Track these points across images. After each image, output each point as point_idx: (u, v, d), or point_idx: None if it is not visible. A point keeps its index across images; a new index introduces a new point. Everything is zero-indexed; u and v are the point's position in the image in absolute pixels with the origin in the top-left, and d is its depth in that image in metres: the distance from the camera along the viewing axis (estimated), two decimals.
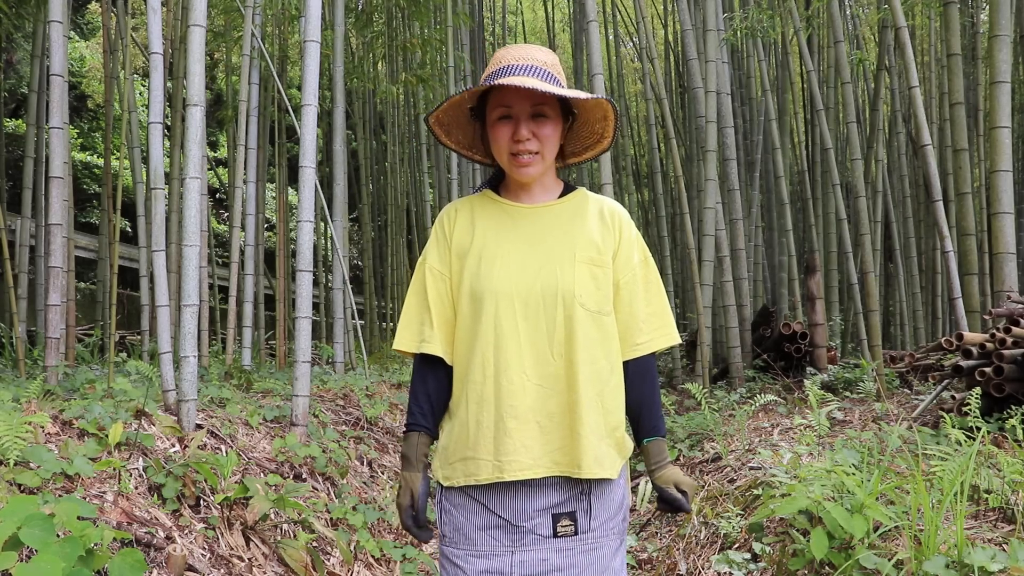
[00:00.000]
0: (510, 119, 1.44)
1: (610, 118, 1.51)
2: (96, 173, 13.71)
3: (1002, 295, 4.43)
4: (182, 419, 3.16)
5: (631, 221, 1.57)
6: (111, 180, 6.37)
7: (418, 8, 6.99)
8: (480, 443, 1.41)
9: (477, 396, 1.42)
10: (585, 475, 1.39)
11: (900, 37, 5.16)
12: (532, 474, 1.39)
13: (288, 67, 8.97)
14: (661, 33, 12.50)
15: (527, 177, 1.48)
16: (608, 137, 1.56)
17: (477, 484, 1.42)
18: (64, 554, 1.63)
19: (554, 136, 1.46)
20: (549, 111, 1.44)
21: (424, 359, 1.50)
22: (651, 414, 1.53)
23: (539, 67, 1.41)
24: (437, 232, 1.55)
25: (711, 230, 6.16)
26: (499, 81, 1.38)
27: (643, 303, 1.52)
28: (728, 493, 3.35)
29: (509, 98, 1.43)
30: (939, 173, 5.60)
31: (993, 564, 2.02)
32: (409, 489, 1.46)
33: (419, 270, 1.54)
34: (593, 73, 5.08)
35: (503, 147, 1.45)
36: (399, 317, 1.64)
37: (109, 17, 6.74)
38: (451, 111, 1.52)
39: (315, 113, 3.71)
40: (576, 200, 1.55)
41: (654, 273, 1.56)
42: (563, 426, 1.41)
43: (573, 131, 1.56)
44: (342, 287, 5.78)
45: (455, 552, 1.45)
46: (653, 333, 1.52)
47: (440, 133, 1.56)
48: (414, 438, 1.48)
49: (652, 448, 1.53)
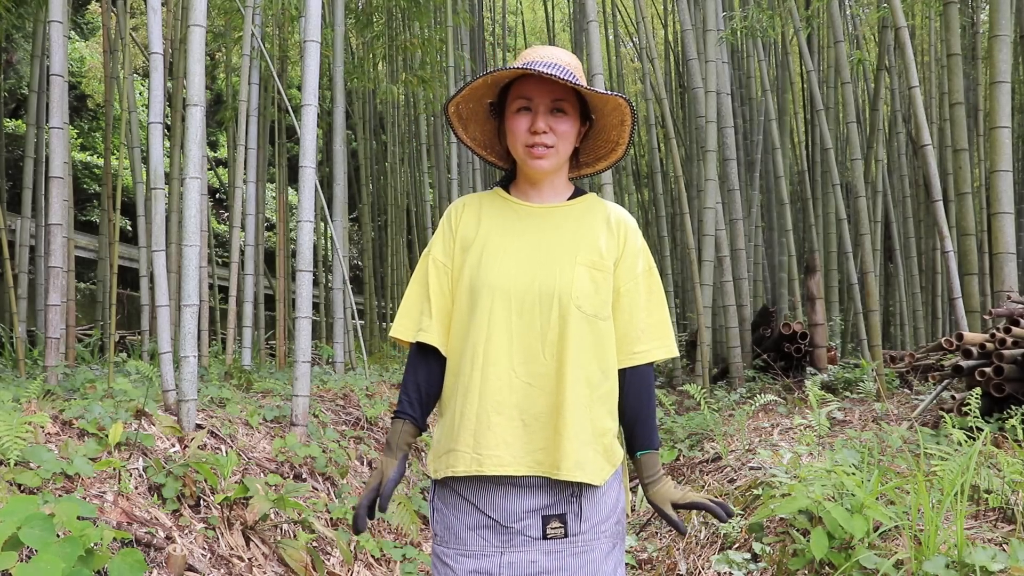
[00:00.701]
0: (529, 111, 1.45)
1: (627, 123, 1.51)
2: (96, 173, 13.71)
3: (1002, 295, 4.43)
4: (182, 419, 3.16)
5: (639, 231, 1.56)
6: (111, 180, 6.37)
7: (418, 8, 6.99)
8: (461, 435, 1.41)
9: (464, 388, 1.42)
10: (564, 477, 1.38)
11: (900, 37, 5.16)
12: (512, 471, 1.39)
13: (288, 67, 8.97)
14: (661, 33, 12.50)
15: (540, 170, 1.48)
16: (623, 144, 1.56)
17: (455, 476, 1.42)
18: (64, 554, 1.64)
19: (571, 133, 1.47)
20: (568, 108, 1.45)
21: (419, 349, 1.50)
22: (645, 426, 1.52)
23: (563, 66, 1.42)
24: (444, 225, 1.56)
25: (711, 230, 6.16)
26: (516, 64, 1.41)
27: (644, 312, 1.51)
28: (728, 493, 3.35)
29: (530, 90, 1.44)
30: (939, 173, 5.60)
31: (993, 564, 2.02)
32: (380, 472, 1.46)
33: (423, 261, 1.55)
34: (593, 73, 5.08)
35: (520, 138, 1.45)
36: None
37: (109, 17, 6.74)
38: (470, 103, 1.53)
39: (315, 113, 3.71)
40: (585, 204, 1.55)
41: (657, 284, 1.55)
42: (548, 427, 1.40)
43: (589, 139, 1.57)
44: (342, 287, 5.78)
45: (445, 551, 1.45)
46: (652, 343, 1.51)
47: (458, 126, 1.57)
48: (398, 425, 1.48)
49: (646, 461, 1.51)
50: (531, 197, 1.54)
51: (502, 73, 1.43)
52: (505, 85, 1.50)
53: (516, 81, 1.47)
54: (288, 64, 8.77)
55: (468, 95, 1.49)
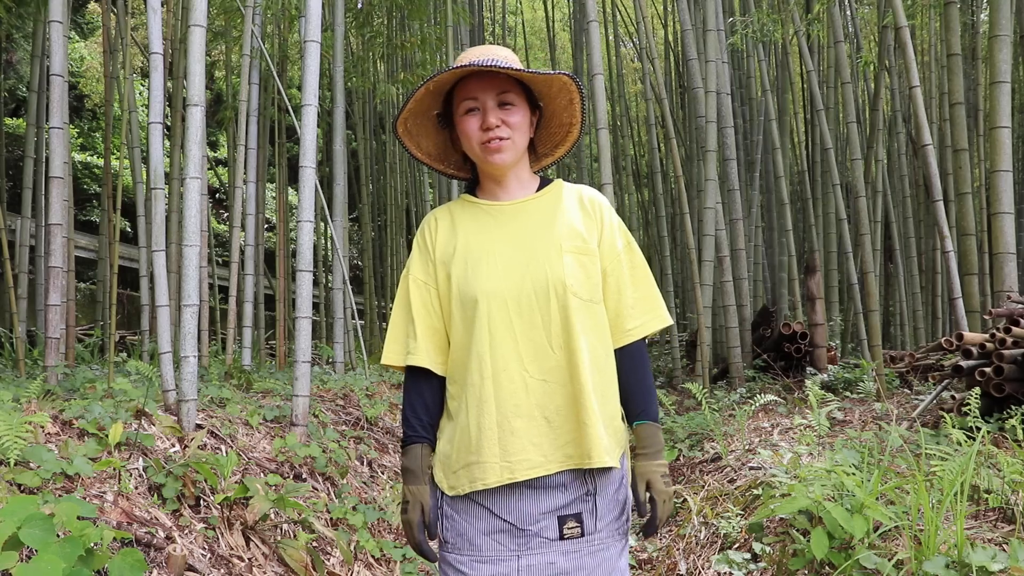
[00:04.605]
0: (477, 111, 1.44)
1: (576, 101, 1.50)
2: (96, 173, 13.71)
3: (1002, 295, 4.43)
4: (182, 419, 3.16)
5: (611, 206, 1.56)
6: (111, 180, 6.37)
7: (415, 6, 6.98)
8: (484, 446, 1.38)
9: (476, 398, 1.39)
10: (596, 464, 1.37)
11: (901, 37, 5.16)
12: (544, 471, 1.38)
13: (288, 67, 8.96)
14: (661, 33, 12.50)
15: (500, 164, 1.46)
16: (576, 124, 1.55)
17: (485, 488, 1.39)
18: (64, 554, 1.63)
19: (523, 123, 1.46)
20: (515, 99, 1.45)
21: (414, 371, 1.49)
22: (643, 397, 1.50)
23: (499, 60, 1.41)
24: (419, 243, 1.54)
25: (711, 230, 6.16)
26: (456, 66, 1.40)
27: (630, 288, 1.50)
28: (728, 493, 3.35)
29: (474, 90, 1.43)
30: (939, 173, 5.59)
31: (993, 564, 2.02)
32: (419, 503, 1.43)
33: (403, 283, 1.52)
34: (593, 73, 5.08)
35: (473, 137, 1.44)
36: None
37: (109, 17, 6.75)
38: (418, 118, 1.52)
39: (315, 113, 3.71)
40: (554, 192, 1.54)
41: (639, 257, 1.54)
42: (571, 419, 1.39)
43: (542, 128, 1.56)
44: (342, 287, 5.78)
45: (459, 558, 1.42)
46: (643, 317, 1.50)
47: (409, 143, 1.55)
48: (416, 450, 1.45)
49: (642, 432, 1.49)
50: (499, 196, 1.52)
51: (443, 76, 1.42)
52: (448, 93, 1.49)
53: (459, 85, 1.46)
54: (288, 64, 8.76)
55: (414, 108, 1.48)
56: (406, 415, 1.48)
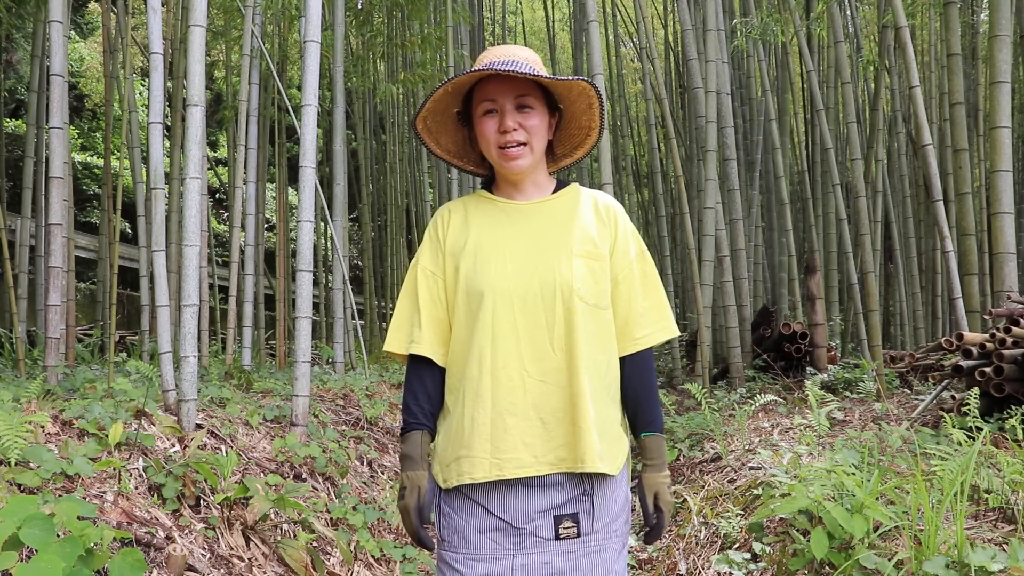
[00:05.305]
0: (495, 113, 1.44)
1: (595, 106, 1.50)
2: (96, 173, 13.71)
3: (1002, 295, 4.43)
4: (182, 419, 3.16)
5: (625, 214, 1.56)
6: (111, 180, 6.37)
7: (415, 6, 6.98)
8: (475, 440, 1.38)
9: (473, 392, 1.39)
10: (588, 469, 1.37)
11: (901, 37, 5.16)
12: (534, 471, 1.37)
13: (288, 67, 8.96)
14: (661, 33, 12.50)
15: (517, 170, 1.46)
16: (595, 128, 1.55)
17: (473, 483, 1.39)
18: (64, 554, 1.63)
19: (541, 127, 1.46)
20: (533, 102, 1.44)
21: (416, 360, 1.49)
22: (649, 409, 1.51)
23: (520, 62, 1.41)
24: (431, 233, 1.54)
25: (711, 230, 6.16)
26: (476, 67, 1.40)
27: (641, 297, 1.51)
28: (728, 493, 3.35)
29: (493, 91, 1.43)
30: (939, 173, 5.59)
31: (993, 564, 2.02)
32: (416, 488, 1.42)
33: (411, 272, 1.53)
34: (593, 73, 5.08)
35: (491, 140, 1.45)
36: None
37: (109, 17, 6.75)
38: (437, 116, 1.52)
39: (315, 113, 3.71)
40: (570, 195, 1.54)
41: (650, 266, 1.55)
42: (566, 421, 1.39)
43: (561, 130, 1.56)
44: (342, 287, 5.78)
45: (454, 556, 1.42)
46: (652, 327, 1.51)
47: (428, 140, 1.55)
48: (416, 436, 1.44)
49: (649, 444, 1.50)
50: (515, 196, 1.53)
51: (461, 78, 1.42)
52: (468, 92, 1.49)
53: (478, 85, 1.46)
54: (288, 64, 8.76)
55: (433, 107, 1.49)
56: (407, 402, 1.48)
